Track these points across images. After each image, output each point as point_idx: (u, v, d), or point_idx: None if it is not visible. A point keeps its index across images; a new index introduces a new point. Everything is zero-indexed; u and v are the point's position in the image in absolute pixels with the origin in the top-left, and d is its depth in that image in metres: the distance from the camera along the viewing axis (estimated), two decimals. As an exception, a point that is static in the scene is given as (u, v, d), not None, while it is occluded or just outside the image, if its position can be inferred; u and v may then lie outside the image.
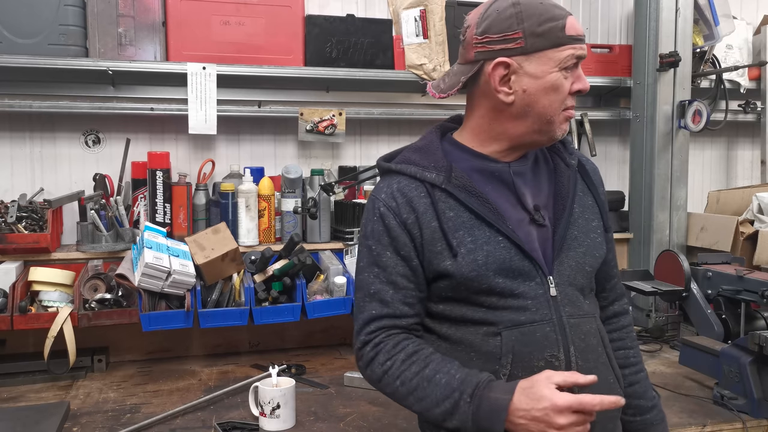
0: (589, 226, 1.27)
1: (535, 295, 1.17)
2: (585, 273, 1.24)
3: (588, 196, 1.31)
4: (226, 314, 2.10)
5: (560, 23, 1.15)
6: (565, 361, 1.16)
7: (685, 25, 2.59)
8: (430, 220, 1.18)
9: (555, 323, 1.17)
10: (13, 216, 2.10)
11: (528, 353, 1.15)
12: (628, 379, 1.34)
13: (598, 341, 1.23)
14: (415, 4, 2.52)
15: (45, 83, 2.30)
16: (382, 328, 1.19)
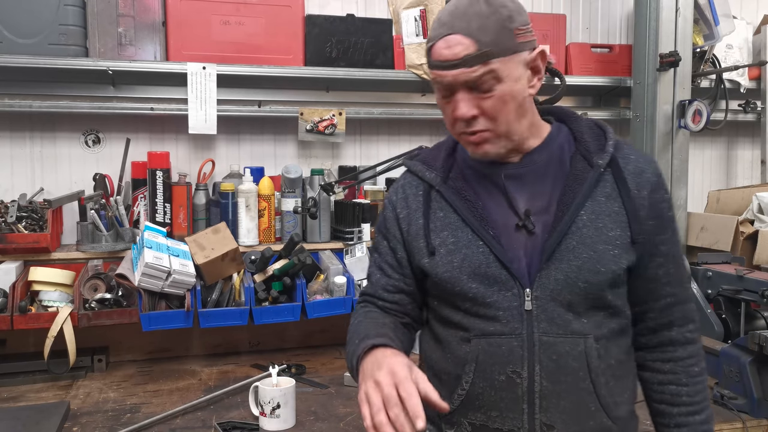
0: (600, 236, 1.12)
1: (508, 307, 1.12)
2: (577, 289, 1.11)
3: (614, 201, 1.14)
4: (226, 314, 2.10)
5: (429, 45, 1.12)
6: (528, 379, 1.11)
7: (685, 24, 2.59)
8: (418, 217, 1.21)
9: (524, 339, 1.11)
10: (13, 216, 2.10)
11: (490, 365, 1.13)
12: (674, 420, 1.21)
13: (581, 365, 1.11)
14: (415, 3, 2.52)
15: (45, 83, 2.30)
16: (365, 301, 1.30)
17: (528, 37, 1.12)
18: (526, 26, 1.12)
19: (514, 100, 1.11)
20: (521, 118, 1.13)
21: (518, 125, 1.14)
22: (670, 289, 1.19)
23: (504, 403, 1.12)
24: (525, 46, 1.11)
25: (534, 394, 1.11)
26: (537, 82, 1.14)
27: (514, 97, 1.11)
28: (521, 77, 1.11)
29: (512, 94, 1.10)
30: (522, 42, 1.10)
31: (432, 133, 2.78)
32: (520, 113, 1.13)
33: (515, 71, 1.10)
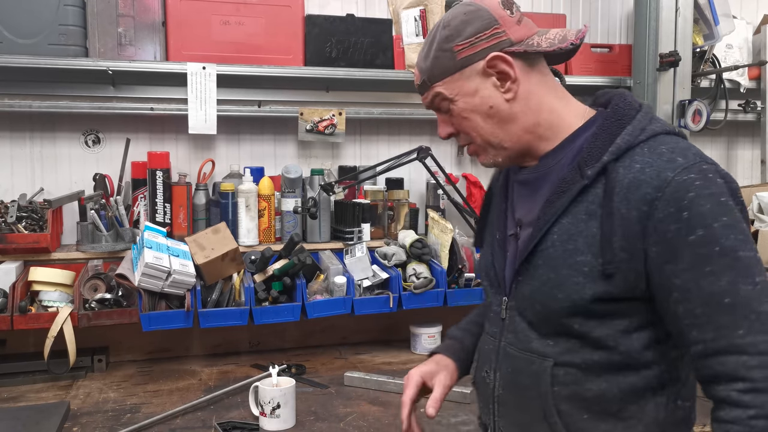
0: (566, 260, 1.03)
1: (496, 311, 1.17)
2: (534, 309, 1.08)
3: (593, 222, 1.01)
4: (226, 314, 2.10)
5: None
6: (492, 383, 1.16)
7: (685, 24, 2.59)
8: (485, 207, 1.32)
9: (497, 344, 1.15)
10: (13, 216, 2.10)
11: (479, 361, 1.23)
12: None
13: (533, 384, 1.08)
14: (414, 3, 2.52)
15: (45, 83, 2.30)
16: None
17: (476, 48, 1.08)
18: (470, 38, 1.08)
19: (477, 113, 1.11)
20: (504, 125, 1.11)
21: (502, 133, 1.11)
22: (698, 334, 0.96)
23: (482, 399, 1.21)
24: (472, 59, 1.08)
25: (495, 398, 1.16)
26: (511, 85, 1.09)
27: (476, 110, 1.10)
28: (479, 89, 1.09)
29: (471, 108, 1.11)
30: (467, 56, 1.08)
31: (432, 133, 2.78)
32: (499, 122, 1.11)
33: (467, 86, 1.10)
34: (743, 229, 0.96)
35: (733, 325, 0.93)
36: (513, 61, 1.08)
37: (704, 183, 0.96)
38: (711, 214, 0.94)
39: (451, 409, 1.83)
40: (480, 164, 1.23)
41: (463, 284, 2.31)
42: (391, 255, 2.32)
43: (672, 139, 1.03)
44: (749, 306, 0.93)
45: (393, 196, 2.57)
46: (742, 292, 0.93)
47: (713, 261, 0.94)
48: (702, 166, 0.97)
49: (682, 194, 0.95)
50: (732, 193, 0.98)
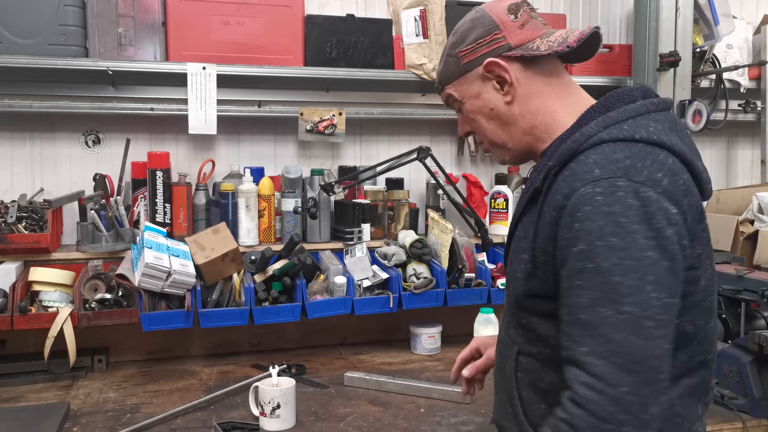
0: (516, 255, 1.13)
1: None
2: (509, 301, 1.19)
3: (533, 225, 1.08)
4: (226, 314, 2.10)
5: None
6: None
7: (685, 24, 2.59)
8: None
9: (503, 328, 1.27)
10: (13, 216, 2.10)
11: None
12: None
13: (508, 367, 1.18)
14: (414, 3, 2.52)
15: (45, 83, 2.30)
16: None
17: (476, 54, 1.15)
18: (472, 44, 1.16)
19: (481, 114, 1.19)
20: (505, 127, 1.18)
21: (504, 134, 1.19)
22: (563, 339, 1.00)
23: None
24: (474, 63, 1.16)
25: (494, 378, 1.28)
26: (509, 88, 1.15)
27: (480, 111, 1.19)
28: (481, 92, 1.17)
29: (476, 110, 1.19)
30: (469, 61, 1.16)
31: (432, 133, 2.78)
32: (501, 123, 1.18)
33: (471, 89, 1.19)
34: (634, 257, 0.94)
35: (581, 340, 0.96)
36: (509, 66, 1.14)
37: (606, 200, 0.96)
38: (599, 231, 0.95)
39: (450, 409, 1.83)
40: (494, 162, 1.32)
41: (463, 284, 2.31)
42: (391, 255, 2.32)
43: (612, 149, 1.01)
44: (600, 329, 0.94)
45: (393, 196, 2.57)
46: (599, 314, 0.94)
47: (584, 276, 0.96)
48: (616, 183, 0.96)
49: (580, 206, 0.98)
50: (644, 218, 0.95)
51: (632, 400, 0.92)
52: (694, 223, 1.04)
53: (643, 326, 0.93)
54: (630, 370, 0.92)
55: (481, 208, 2.62)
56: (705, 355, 1.11)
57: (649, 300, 0.93)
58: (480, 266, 2.36)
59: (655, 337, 0.93)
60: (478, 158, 2.81)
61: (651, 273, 0.94)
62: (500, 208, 2.65)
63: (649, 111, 1.09)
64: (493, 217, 2.67)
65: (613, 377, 0.92)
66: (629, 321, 0.93)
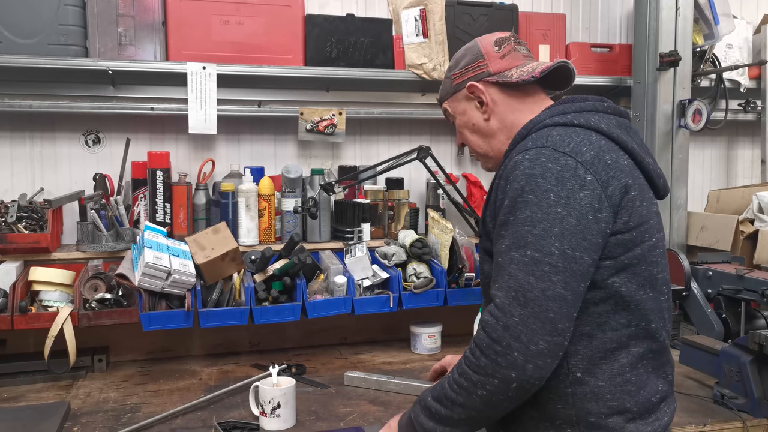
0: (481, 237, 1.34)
1: None
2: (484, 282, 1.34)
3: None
4: (226, 314, 2.10)
5: None
6: None
7: (685, 24, 2.59)
8: None
9: None
10: (13, 216, 2.10)
11: None
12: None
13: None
14: (414, 3, 2.52)
15: (45, 83, 2.30)
16: None
17: (464, 77, 1.39)
18: (462, 69, 1.39)
19: (467, 128, 1.42)
20: (486, 139, 1.39)
21: (485, 145, 1.40)
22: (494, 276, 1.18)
23: None
24: (461, 85, 1.40)
25: None
26: (486, 108, 1.37)
27: (465, 125, 1.42)
28: (467, 110, 1.40)
29: (462, 124, 1.43)
30: (458, 83, 1.40)
31: (432, 133, 2.78)
32: (482, 136, 1.40)
33: (459, 107, 1.42)
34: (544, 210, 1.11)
35: (495, 279, 1.16)
36: (486, 89, 1.36)
37: (530, 164, 1.15)
38: (520, 190, 1.14)
39: (451, 408, 1.83)
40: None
41: (463, 284, 2.31)
42: (391, 255, 2.32)
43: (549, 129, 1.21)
44: (507, 269, 1.12)
45: (393, 196, 2.57)
46: (509, 257, 1.13)
47: (505, 227, 1.15)
48: (542, 151, 1.16)
49: (510, 171, 1.18)
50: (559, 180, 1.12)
51: (520, 330, 1.08)
52: (618, 194, 1.16)
53: (541, 269, 1.09)
54: (523, 304, 1.08)
55: (481, 207, 2.62)
56: (647, 323, 1.20)
57: (550, 248, 1.10)
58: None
59: (551, 280, 1.09)
60: (478, 158, 2.82)
61: (557, 226, 1.10)
62: (500, 208, 2.64)
63: (597, 110, 1.26)
64: (493, 216, 2.66)
65: (507, 308, 1.10)
66: (530, 263, 1.10)
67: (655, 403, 1.22)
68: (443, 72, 2.47)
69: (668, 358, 1.28)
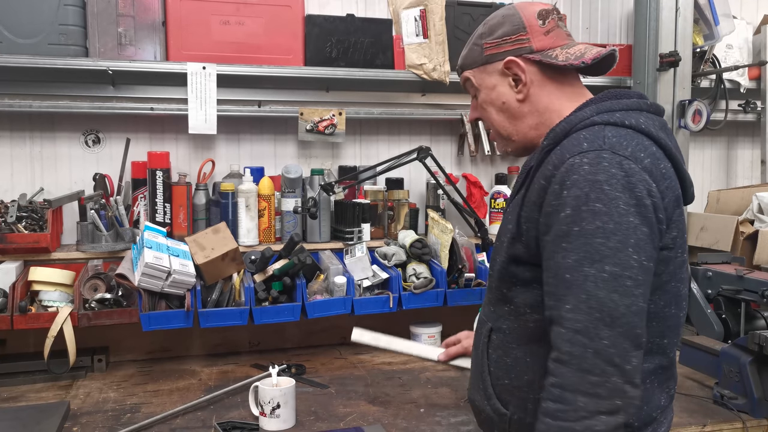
0: (504, 228, 1.24)
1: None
2: (490, 276, 1.28)
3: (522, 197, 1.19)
4: (226, 314, 2.10)
5: None
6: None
7: (685, 24, 2.59)
8: None
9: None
10: (13, 216, 2.10)
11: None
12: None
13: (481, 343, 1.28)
14: (415, 3, 2.52)
15: (45, 83, 2.30)
16: None
17: (500, 49, 1.23)
18: (498, 39, 1.23)
19: (493, 105, 1.27)
20: (513, 121, 1.26)
21: (510, 127, 1.27)
22: (547, 300, 1.07)
23: None
24: (495, 57, 1.24)
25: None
26: (522, 87, 1.23)
27: (492, 102, 1.27)
28: (498, 85, 1.25)
29: (489, 100, 1.27)
30: (492, 54, 1.24)
31: (432, 133, 2.78)
32: (509, 117, 1.26)
33: (488, 80, 1.26)
34: (616, 221, 1.01)
35: (565, 299, 1.03)
36: (526, 67, 1.21)
37: (592, 169, 1.04)
38: (585, 197, 1.03)
39: (450, 408, 1.83)
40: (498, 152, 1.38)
41: (463, 284, 2.31)
42: (391, 255, 2.32)
43: (602, 129, 1.10)
44: (583, 287, 1.01)
45: (393, 196, 2.57)
46: (582, 273, 1.01)
47: (570, 239, 1.03)
48: (602, 154, 1.05)
49: (568, 175, 1.06)
50: (626, 186, 1.02)
51: (613, 352, 0.98)
52: (671, 207, 1.10)
53: (623, 284, 1.00)
54: (610, 324, 0.98)
55: (481, 208, 2.62)
56: (662, 338, 1.15)
57: (630, 260, 1.00)
58: (480, 266, 2.36)
59: (634, 294, 1.00)
60: (478, 158, 2.82)
61: (632, 237, 1.01)
62: (500, 208, 2.65)
63: (641, 109, 1.17)
64: (493, 217, 2.67)
65: (594, 331, 0.99)
66: (610, 279, 0.99)
67: (654, 417, 1.17)
68: (443, 72, 2.47)
69: (673, 372, 1.23)
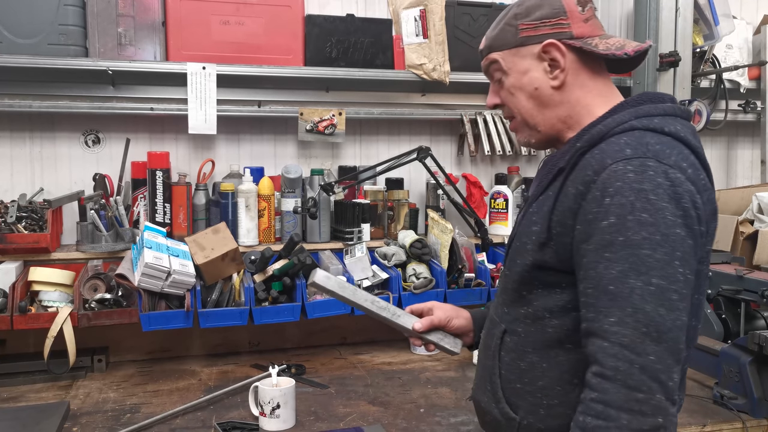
0: (527, 229, 1.15)
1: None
2: (504, 276, 1.23)
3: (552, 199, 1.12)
4: (226, 314, 2.10)
5: None
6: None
7: (685, 24, 2.59)
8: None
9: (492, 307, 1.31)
10: (13, 216, 2.10)
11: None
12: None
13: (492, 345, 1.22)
14: (414, 3, 2.52)
15: (45, 83, 2.30)
16: None
17: (538, 32, 1.15)
18: (536, 21, 1.15)
19: (524, 91, 1.18)
20: (542, 109, 1.18)
21: (538, 116, 1.19)
22: (585, 312, 1.03)
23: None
24: (532, 39, 1.16)
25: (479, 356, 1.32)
26: (559, 73, 1.15)
27: (523, 87, 1.18)
28: (531, 70, 1.16)
29: (519, 85, 1.18)
30: (528, 36, 1.16)
31: (432, 133, 2.78)
32: (539, 104, 1.18)
33: (521, 64, 1.17)
34: (663, 232, 0.97)
35: (608, 311, 0.98)
36: (567, 53, 1.14)
37: (637, 177, 0.99)
38: (630, 206, 0.98)
39: (450, 408, 1.83)
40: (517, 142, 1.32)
41: (462, 284, 2.31)
42: (391, 255, 2.32)
43: (643, 135, 1.05)
44: (629, 300, 0.97)
45: (393, 196, 2.57)
46: (628, 285, 0.97)
47: (614, 249, 0.99)
48: (647, 162, 1.00)
49: (611, 182, 1.00)
50: (673, 196, 0.99)
51: (659, 368, 0.94)
52: (710, 219, 1.07)
53: (669, 298, 0.96)
54: (656, 339, 0.95)
55: (481, 208, 2.62)
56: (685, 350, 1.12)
57: (676, 274, 0.97)
58: (480, 266, 2.36)
59: (678, 309, 0.97)
60: (477, 158, 2.82)
61: (679, 249, 0.98)
62: (500, 208, 2.65)
63: (676, 114, 1.12)
64: (492, 217, 2.67)
65: (641, 346, 0.95)
66: (657, 292, 0.96)
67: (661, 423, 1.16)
68: (443, 72, 2.47)
69: (685, 381, 1.20)
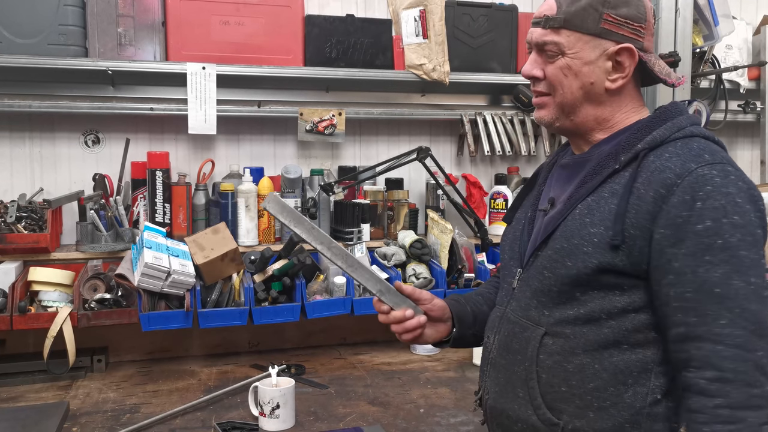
0: (580, 231, 1.09)
1: (509, 282, 1.24)
2: (542, 277, 1.14)
3: (614, 200, 1.07)
4: (226, 314, 2.10)
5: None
6: (490, 347, 1.24)
7: (684, 25, 2.59)
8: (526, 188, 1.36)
9: (503, 311, 1.23)
10: (12, 216, 2.10)
11: (487, 328, 1.28)
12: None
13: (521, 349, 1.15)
14: (414, 4, 2.52)
15: (45, 83, 2.30)
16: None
17: (620, 30, 1.11)
18: (622, 18, 1.11)
19: (577, 78, 1.13)
20: (587, 103, 1.15)
21: (580, 107, 1.16)
22: (683, 317, 1.01)
23: (482, 363, 1.28)
24: (611, 35, 1.11)
25: (490, 360, 1.23)
26: (620, 78, 1.13)
27: (577, 75, 1.13)
28: (594, 62, 1.12)
29: (574, 70, 1.13)
30: (607, 29, 1.11)
31: (432, 133, 2.78)
32: (586, 97, 1.15)
33: (587, 53, 1.12)
34: (753, 233, 1.01)
35: (717, 314, 0.99)
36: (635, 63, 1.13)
37: (723, 181, 1.01)
38: (723, 210, 1.00)
39: (450, 409, 1.83)
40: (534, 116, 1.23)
41: (462, 284, 2.31)
42: (390, 255, 2.32)
43: (707, 142, 1.08)
44: (736, 300, 0.98)
45: (393, 197, 2.57)
46: (733, 286, 0.98)
47: (713, 252, 1.00)
48: (726, 168, 1.03)
49: (700, 186, 1.01)
50: (752, 199, 1.02)
51: (765, 362, 0.97)
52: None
53: (763, 295, 1.00)
54: (762, 335, 0.98)
55: (480, 208, 2.62)
56: None
57: (764, 271, 1.00)
58: (479, 266, 2.37)
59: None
60: (477, 158, 2.82)
61: (762, 248, 1.02)
62: (500, 209, 2.65)
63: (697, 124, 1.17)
64: (492, 217, 2.67)
65: (752, 344, 0.97)
66: (757, 290, 0.99)
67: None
68: (443, 72, 2.47)
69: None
